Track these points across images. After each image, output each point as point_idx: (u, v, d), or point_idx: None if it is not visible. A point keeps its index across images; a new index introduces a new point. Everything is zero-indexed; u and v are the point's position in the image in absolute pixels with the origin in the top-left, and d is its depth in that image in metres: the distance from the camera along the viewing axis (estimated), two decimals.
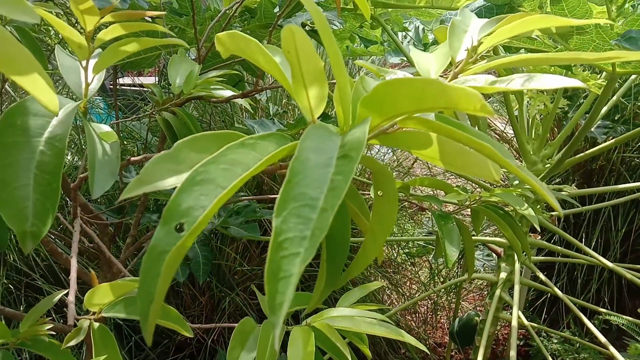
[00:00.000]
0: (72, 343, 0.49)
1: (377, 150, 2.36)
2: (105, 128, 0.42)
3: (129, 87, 2.11)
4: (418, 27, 1.63)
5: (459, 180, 2.56)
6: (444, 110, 0.35)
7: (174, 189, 0.29)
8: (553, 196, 0.30)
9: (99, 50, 0.45)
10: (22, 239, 0.32)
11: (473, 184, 2.06)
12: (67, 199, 1.48)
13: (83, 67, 0.43)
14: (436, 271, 2.25)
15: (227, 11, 1.01)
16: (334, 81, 0.37)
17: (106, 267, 0.91)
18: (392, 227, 0.40)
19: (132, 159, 0.59)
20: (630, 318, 1.29)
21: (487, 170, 0.33)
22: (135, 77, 2.20)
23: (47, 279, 1.58)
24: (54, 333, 0.61)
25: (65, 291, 0.68)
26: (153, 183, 0.29)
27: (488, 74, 0.41)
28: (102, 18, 0.41)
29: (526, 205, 0.77)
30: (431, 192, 2.03)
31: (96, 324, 0.51)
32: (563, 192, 1.24)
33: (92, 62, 0.43)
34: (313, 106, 0.35)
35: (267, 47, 0.37)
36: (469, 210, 0.90)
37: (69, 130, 0.36)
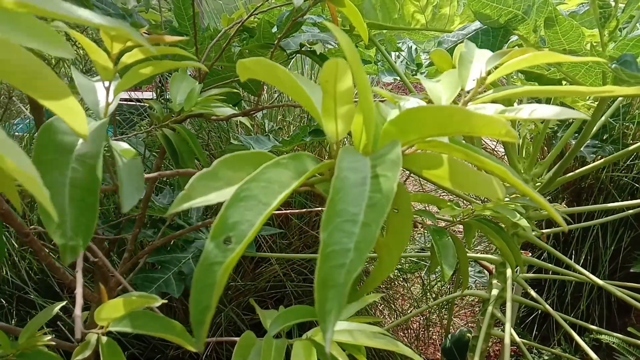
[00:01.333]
0: (80, 357, 0.50)
1: None
2: (125, 145, 0.44)
3: (125, 102, 2.12)
4: (411, 47, 1.67)
5: (450, 196, 2.58)
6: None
7: (169, 205, 0.31)
8: (558, 213, 0.32)
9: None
10: (62, 252, 0.34)
11: (464, 202, 2.09)
12: None
13: (105, 88, 0.45)
14: (428, 287, 2.26)
15: (227, 31, 1.03)
16: None
17: (102, 282, 0.92)
18: (407, 242, 0.42)
19: (147, 175, 0.61)
20: (620, 336, 1.31)
21: (493, 189, 0.35)
22: (131, 92, 2.22)
23: (40, 293, 1.57)
24: (53, 344, 0.62)
25: (63, 303, 0.69)
26: (197, 198, 0.31)
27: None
28: (126, 43, 0.43)
29: (518, 215, 0.79)
30: (424, 208, 2.05)
31: (104, 339, 0.52)
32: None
33: (114, 83, 0.45)
34: (339, 130, 0.37)
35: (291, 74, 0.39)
36: (460, 226, 0.92)
37: (102, 146, 0.38)
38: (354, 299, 0.42)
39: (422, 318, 2.23)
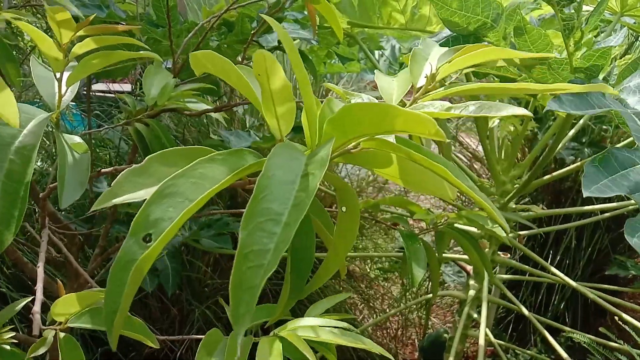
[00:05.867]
0: (38, 353, 0.48)
1: (351, 167, 2.38)
2: (77, 139, 0.42)
3: (103, 94, 2.09)
4: (394, 46, 1.66)
5: (433, 199, 2.59)
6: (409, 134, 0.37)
7: (145, 201, 0.30)
8: (502, 216, 0.32)
9: (74, 62, 0.46)
10: None
11: (446, 203, 2.09)
12: (36, 207, 1.46)
13: (57, 79, 0.43)
14: (408, 287, 2.26)
15: (205, 24, 1.02)
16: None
17: (73, 277, 0.90)
18: (354, 241, 0.41)
19: (103, 170, 0.60)
20: (592, 337, 1.32)
21: (443, 189, 0.35)
22: (109, 84, 2.18)
23: (13, 286, 1.54)
24: (17, 342, 0.61)
25: (30, 299, 0.67)
26: (123, 195, 0.30)
27: (455, 99, 0.43)
28: (77, 32, 0.41)
29: (491, 224, 0.79)
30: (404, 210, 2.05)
31: (62, 335, 0.51)
32: (530, 213, 1.27)
33: (66, 74, 0.44)
34: (281, 125, 0.36)
35: (239, 68, 0.38)
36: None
37: (39, 140, 0.37)
38: (301, 295, 0.41)
39: (400, 318, 2.23)
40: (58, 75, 0.43)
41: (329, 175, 0.36)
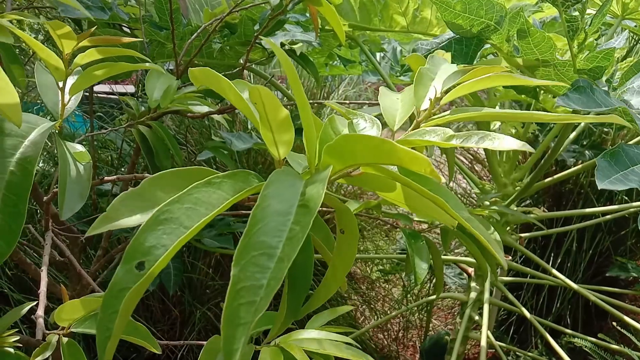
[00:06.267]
0: (40, 358, 0.48)
1: None
2: (79, 147, 0.42)
3: (105, 95, 2.09)
4: (395, 48, 1.66)
5: None
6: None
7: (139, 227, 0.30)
8: (500, 249, 0.32)
9: (79, 69, 0.46)
10: None
11: None
12: (37, 207, 1.46)
13: (60, 88, 0.44)
14: (409, 289, 2.26)
15: (207, 27, 1.02)
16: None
17: (75, 280, 0.90)
18: (352, 262, 0.41)
19: (106, 178, 0.60)
20: (593, 339, 1.32)
21: (446, 216, 0.35)
22: (112, 85, 2.19)
23: (16, 288, 1.54)
24: (20, 345, 0.61)
25: (34, 303, 0.68)
26: (118, 220, 0.30)
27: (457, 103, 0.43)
28: (79, 43, 0.41)
29: (492, 229, 0.79)
30: (404, 209, 2.05)
31: (65, 339, 0.51)
32: (531, 215, 1.27)
33: (69, 83, 0.44)
34: (280, 149, 0.36)
35: (236, 84, 0.38)
36: (439, 229, 0.92)
37: (40, 151, 0.37)
38: (298, 316, 0.41)
39: (402, 320, 2.23)
40: (61, 84, 0.43)
41: (327, 196, 0.36)
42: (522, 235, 1.42)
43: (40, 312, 0.54)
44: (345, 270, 0.40)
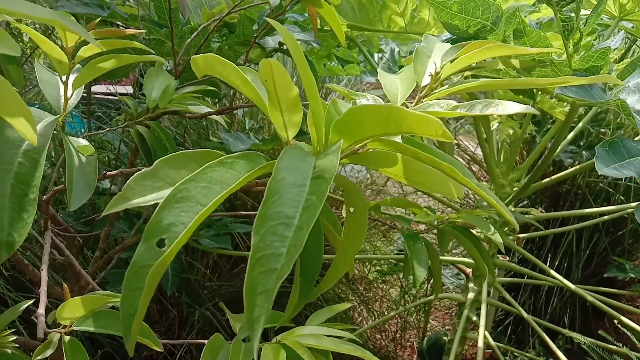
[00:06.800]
0: (42, 356, 0.48)
1: (351, 168, 2.38)
2: (82, 142, 0.43)
3: (102, 96, 2.09)
4: (393, 49, 1.67)
5: (431, 201, 2.59)
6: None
7: (157, 206, 0.30)
8: (510, 212, 0.32)
9: (78, 66, 0.46)
10: None
11: (444, 205, 2.10)
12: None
13: (63, 82, 0.44)
14: (406, 289, 2.26)
15: (206, 26, 1.02)
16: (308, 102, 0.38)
17: (73, 280, 0.90)
18: (362, 242, 0.42)
19: (108, 173, 0.60)
20: (591, 339, 1.32)
21: (448, 187, 0.35)
22: (109, 85, 2.18)
23: (13, 289, 1.54)
24: (18, 345, 0.60)
25: (31, 301, 0.67)
26: (134, 199, 0.30)
27: (452, 98, 0.43)
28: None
29: (492, 229, 0.80)
30: (403, 211, 2.05)
31: (67, 338, 0.51)
32: (529, 216, 1.28)
33: (72, 77, 0.44)
34: (288, 128, 0.37)
35: (243, 70, 0.38)
36: (436, 231, 0.92)
37: (48, 142, 0.37)
38: (310, 298, 0.42)
39: (399, 320, 2.23)
40: (64, 78, 0.43)
41: (336, 176, 0.37)
42: (520, 235, 1.42)
43: (41, 310, 0.54)
44: (355, 251, 0.40)
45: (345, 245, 0.39)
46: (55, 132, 0.47)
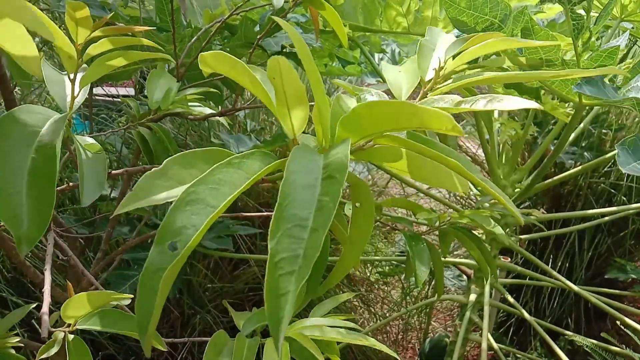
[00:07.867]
0: (46, 355, 0.48)
1: (352, 169, 2.37)
2: (89, 140, 0.43)
3: (103, 98, 2.09)
4: (394, 50, 1.67)
5: (432, 202, 2.59)
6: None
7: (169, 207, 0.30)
8: (514, 205, 0.32)
9: (84, 65, 0.46)
10: (17, 242, 0.33)
11: (445, 207, 2.10)
12: None
13: (70, 80, 0.44)
14: (408, 291, 2.26)
15: (208, 29, 1.02)
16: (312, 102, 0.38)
17: (75, 281, 0.90)
18: (369, 236, 0.42)
19: (113, 172, 0.60)
20: (594, 341, 1.32)
21: (452, 182, 0.35)
22: (109, 88, 2.18)
23: (14, 291, 1.54)
24: (22, 345, 0.60)
25: (35, 304, 0.67)
26: (146, 198, 0.30)
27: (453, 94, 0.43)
28: (93, 31, 0.41)
29: (492, 222, 0.79)
30: (404, 212, 2.05)
31: (71, 336, 0.50)
32: (531, 217, 1.28)
33: (80, 75, 0.44)
34: (295, 127, 0.37)
35: (251, 68, 0.38)
36: (438, 232, 0.92)
37: (61, 137, 0.37)
38: (318, 292, 0.42)
39: (401, 322, 2.23)
40: (71, 76, 0.43)
41: None
42: (522, 237, 1.42)
43: (45, 309, 0.54)
44: (362, 245, 0.40)
45: (353, 240, 0.40)
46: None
